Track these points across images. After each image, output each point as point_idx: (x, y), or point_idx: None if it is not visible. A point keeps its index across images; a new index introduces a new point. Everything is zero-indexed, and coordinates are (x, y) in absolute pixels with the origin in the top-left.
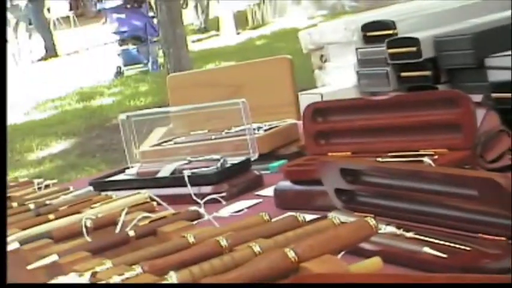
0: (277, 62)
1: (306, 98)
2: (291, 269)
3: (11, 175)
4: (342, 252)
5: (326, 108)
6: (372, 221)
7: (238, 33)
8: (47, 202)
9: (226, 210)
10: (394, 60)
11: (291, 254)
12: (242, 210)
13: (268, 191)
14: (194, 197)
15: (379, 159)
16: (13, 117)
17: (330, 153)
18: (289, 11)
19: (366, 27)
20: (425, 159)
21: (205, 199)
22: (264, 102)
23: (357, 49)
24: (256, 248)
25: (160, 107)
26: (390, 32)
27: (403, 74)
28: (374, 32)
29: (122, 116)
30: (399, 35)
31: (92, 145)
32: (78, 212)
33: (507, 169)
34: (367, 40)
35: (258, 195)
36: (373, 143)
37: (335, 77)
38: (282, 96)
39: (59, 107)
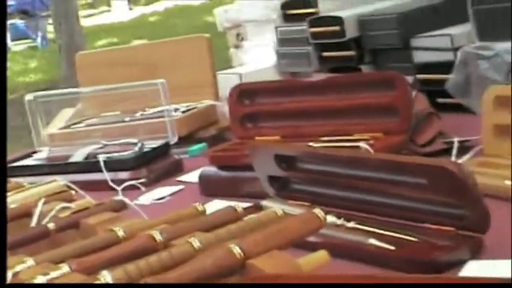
0: (195, 40)
1: (224, 78)
2: (237, 266)
3: None
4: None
5: (253, 89)
6: (320, 213)
7: (130, 9)
8: None
9: (147, 197)
10: (316, 40)
11: (236, 249)
12: (164, 197)
13: (189, 177)
14: (111, 183)
15: (312, 143)
16: None
17: (257, 137)
18: None
19: (286, 5)
20: (362, 144)
21: (123, 185)
22: (180, 83)
23: (276, 28)
24: (196, 243)
25: (51, 84)
26: (312, 10)
27: (325, 54)
28: (295, 10)
29: (29, 97)
30: (321, 14)
31: None
32: None
33: (440, 154)
34: (288, 19)
35: (179, 181)
36: (304, 126)
37: (253, 56)
38: (199, 76)
39: None
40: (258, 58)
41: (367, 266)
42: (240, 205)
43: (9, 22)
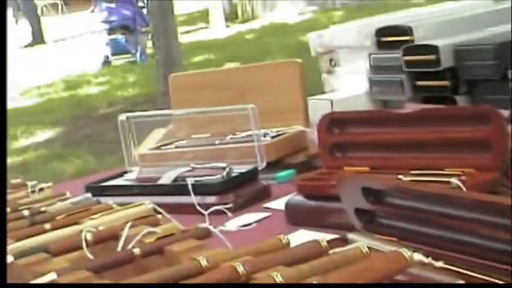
0: (288, 65)
1: (315, 104)
2: None
3: None
4: None
5: (344, 119)
6: (406, 253)
7: (227, 27)
8: (43, 209)
9: (233, 223)
10: (410, 68)
11: None
12: (250, 224)
13: (276, 204)
14: (198, 208)
15: (401, 176)
16: None
17: (346, 167)
18: (280, 5)
19: (381, 32)
20: (453, 180)
21: (210, 210)
22: (271, 107)
23: (370, 54)
24: (278, 278)
25: (148, 98)
26: (407, 38)
27: (420, 83)
28: (389, 38)
29: (122, 117)
30: (416, 42)
31: (77, 135)
32: (77, 223)
33: None
34: (381, 45)
35: (265, 207)
36: (394, 158)
37: (345, 82)
38: (290, 101)
39: (45, 94)
40: (350, 85)
41: None
42: (325, 238)
43: (110, 37)
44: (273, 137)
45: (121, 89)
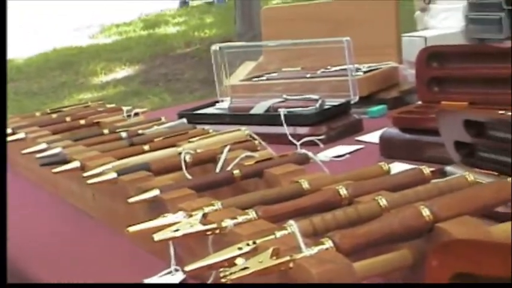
0: (382, 0)
1: (408, 41)
2: (425, 228)
3: (75, 97)
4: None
5: (443, 52)
6: None
7: None
8: (140, 132)
9: (325, 154)
10: (510, 6)
11: (426, 212)
12: (344, 155)
13: (369, 137)
14: (290, 138)
15: (502, 112)
16: (78, 40)
17: (443, 102)
18: None
19: None
20: None
21: (302, 140)
22: (363, 42)
23: None
24: (383, 202)
25: (225, 40)
26: None
27: None
28: None
29: (215, 47)
30: None
31: (155, 73)
32: (174, 145)
33: None
34: None
35: (357, 140)
36: (493, 94)
37: (439, 20)
38: (383, 37)
39: (124, 32)
40: (444, 23)
41: None
42: (428, 168)
43: None
44: (365, 72)
45: (198, 29)
